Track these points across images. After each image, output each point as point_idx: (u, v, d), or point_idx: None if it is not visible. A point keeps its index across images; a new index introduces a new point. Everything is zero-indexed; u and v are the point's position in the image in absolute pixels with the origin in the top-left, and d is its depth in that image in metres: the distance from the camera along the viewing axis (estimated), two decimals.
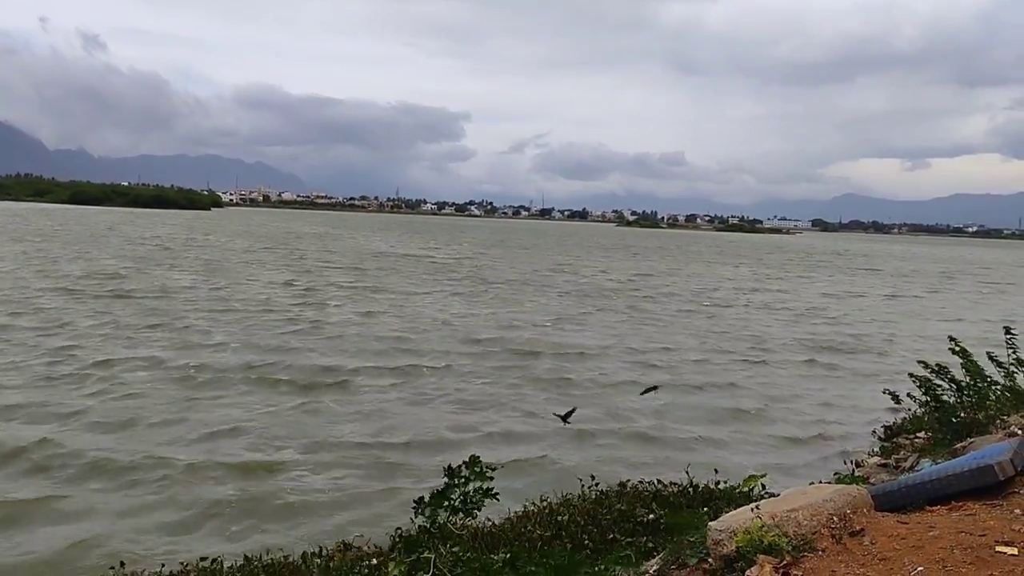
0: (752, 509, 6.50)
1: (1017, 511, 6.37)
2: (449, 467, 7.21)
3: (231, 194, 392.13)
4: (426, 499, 7.29)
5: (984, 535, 5.71)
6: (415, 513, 7.35)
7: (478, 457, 7.30)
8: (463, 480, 7.16)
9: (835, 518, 6.34)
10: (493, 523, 9.04)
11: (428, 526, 7.11)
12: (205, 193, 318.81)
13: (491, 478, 7.24)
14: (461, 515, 7.57)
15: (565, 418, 16.77)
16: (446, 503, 7.27)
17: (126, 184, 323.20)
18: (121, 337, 26.85)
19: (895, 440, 17.86)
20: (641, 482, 10.97)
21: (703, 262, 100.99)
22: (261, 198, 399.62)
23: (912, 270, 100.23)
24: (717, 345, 31.53)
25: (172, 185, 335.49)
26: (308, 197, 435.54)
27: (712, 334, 34.49)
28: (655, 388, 16.98)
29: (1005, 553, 5.36)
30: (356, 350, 26.75)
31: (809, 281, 72.57)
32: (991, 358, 16.60)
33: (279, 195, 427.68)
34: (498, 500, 7.71)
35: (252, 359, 24.25)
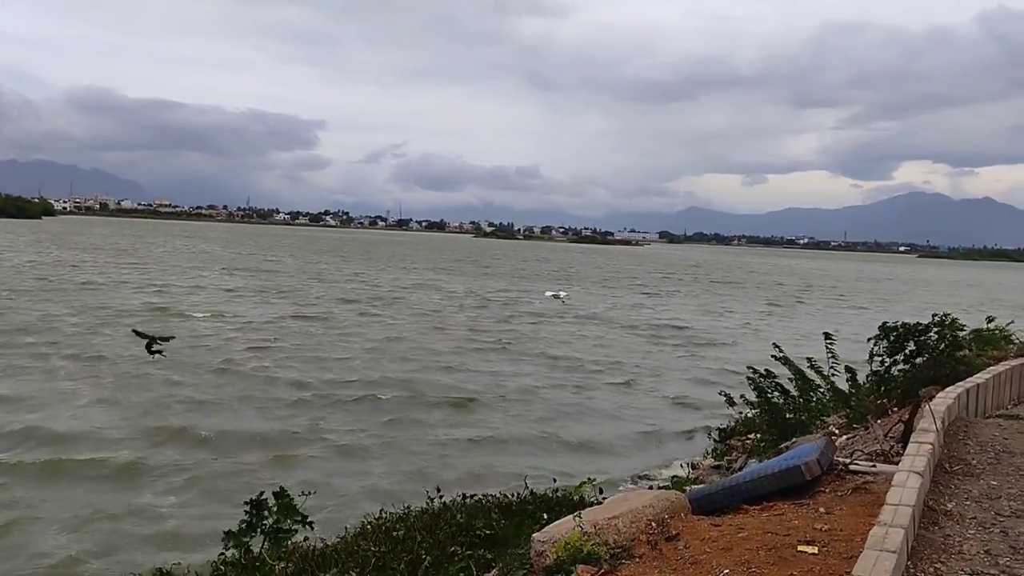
0: (574, 518, 6.50)
1: (821, 509, 6.65)
2: (251, 500, 6.86)
3: (65, 202, 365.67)
4: (234, 531, 6.90)
5: (788, 535, 5.91)
6: (224, 545, 6.94)
7: (285, 489, 6.99)
8: (271, 511, 6.83)
9: (653, 524, 6.42)
10: (326, 543, 8.69)
11: (240, 558, 6.70)
12: (36, 201, 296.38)
13: (302, 513, 6.95)
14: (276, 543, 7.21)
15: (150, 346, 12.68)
16: (256, 532, 6.89)
17: None
18: None
19: (728, 442, 18.63)
20: (485, 495, 10.86)
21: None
22: (98, 206, 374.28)
23: (767, 283, 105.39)
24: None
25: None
26: (151, 205, 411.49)
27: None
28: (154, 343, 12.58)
29: (806, 552, 5.55)
30: None
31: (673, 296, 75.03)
32: (811, 364, 17.59)
33: (118, 203, 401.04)
34: (312, 528, 7.40)
35: None
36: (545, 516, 9.44)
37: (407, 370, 27.34)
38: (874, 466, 7.83)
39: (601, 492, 10.86)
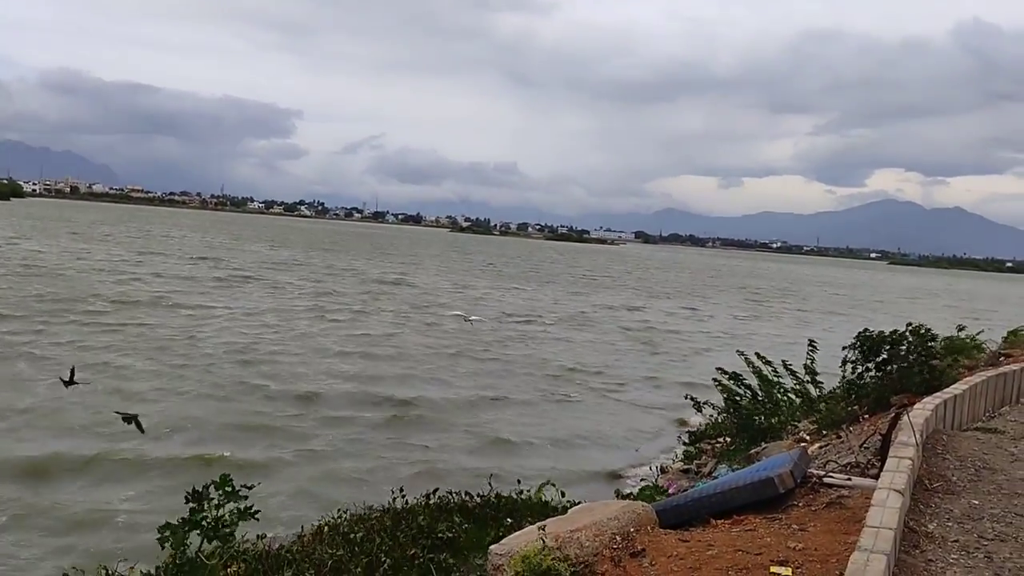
0: (539, 528, 6.11)
1: (795, 526, 6.31)
2: (193, 490, 6.36)
3: (35, 184, 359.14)
4: (171, 524, 6.40)
5: (760, 553, 5.56)
6: (160, 543, 6.45)
7: (228, 476, 6.50)
8: (215, 503, 6.34)
9: (618, 537, 6.06)
10: (281, 545, 8.30)
11: (175, 559, 6.22)
12: (4, 182, 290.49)
13: (245, 497, 6.45)
14: (216, 542, 6.73)
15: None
16: (195, 530, 6.40)
17: None
18: None
19: (698, 445, 18.38)
20: (448, 493, 10.51)
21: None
22: (69, 189, 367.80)
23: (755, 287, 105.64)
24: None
25: None
26: (122, 190, 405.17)
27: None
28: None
29: (779, 574, 5.20)
30: None
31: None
32: (786, 367, 17.45)
33: (89, 187, 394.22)
34: (257, 519, 6.93)
35: None
36: (509, 520, 9.15)
37: (379, 375, 26.59)
38: (849, 479, 7.52)
39: (564, 495, 10.59)
